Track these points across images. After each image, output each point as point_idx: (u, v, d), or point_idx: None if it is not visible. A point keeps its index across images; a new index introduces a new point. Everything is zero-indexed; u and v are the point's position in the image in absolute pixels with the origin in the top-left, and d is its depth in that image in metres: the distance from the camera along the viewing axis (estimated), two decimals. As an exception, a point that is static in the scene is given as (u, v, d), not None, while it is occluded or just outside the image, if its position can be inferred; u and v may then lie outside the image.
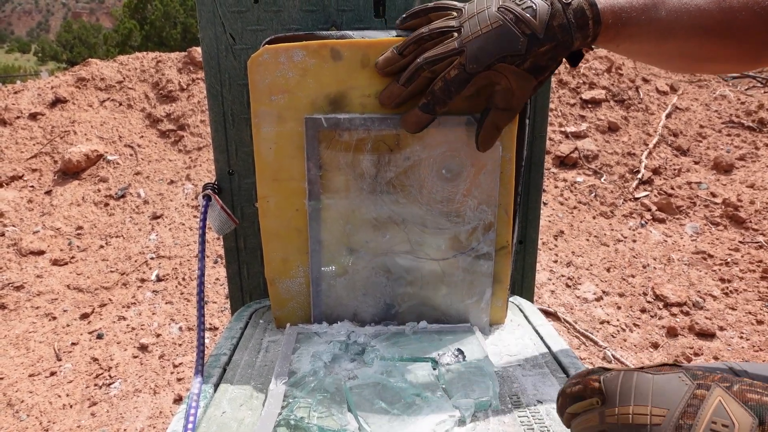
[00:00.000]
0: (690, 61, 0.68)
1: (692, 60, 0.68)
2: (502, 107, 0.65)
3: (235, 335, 0.81)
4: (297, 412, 0.60)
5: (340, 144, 0.72)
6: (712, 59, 0.67)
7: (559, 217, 3.54)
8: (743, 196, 3.46)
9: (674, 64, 0.71)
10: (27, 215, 3.65)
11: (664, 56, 0.68)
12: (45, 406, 2.20)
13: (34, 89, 4.51)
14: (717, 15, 0.62)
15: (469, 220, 0.76)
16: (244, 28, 0.81)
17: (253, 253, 0.92)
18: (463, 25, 0.62)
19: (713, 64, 0.69)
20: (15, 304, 2.91)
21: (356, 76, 0.70)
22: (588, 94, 4.34)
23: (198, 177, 3.91)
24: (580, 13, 0.60)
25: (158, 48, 14.45)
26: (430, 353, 0.70)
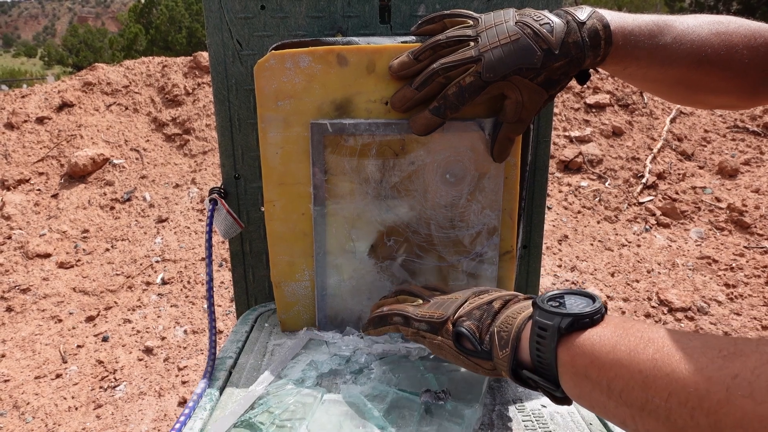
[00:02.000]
0: (692, 90, 0.70)
1: (694, 90, 0.70)
2: (514, 120, 0.67)
3: (241, 338, 0.81)
4: (259, 417, 0.60)
5: (346, 149, 0.73)
6: (713, 90, 0.69)
7: (564, 222, 3.54)
8: (748, 201, 3.45)
9: (677, 94, 0.73)
10: (33, 218, 3.67)
11: (667, 83, 0.69)
12: (50, 408, 2.21)
13: (41, 93, 4.54)
14: (718, 47, 0.65)
15: (473, 225, 0.76)
16: (250, 34, 0.81)
17: (258, 257, 0.92)
18: (480, 34, 0.64)
19: (713, 96, 0.71)
20: (21, 306, 2.92)
21: (362, 81, 0.71)
22: (592, 99, 4.34)
23: (203, 181, 3.92)
24: (593, 33, 0.62)
25: (163, 52, 14.53)
26: (424, 386, 0.65)
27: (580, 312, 0.47)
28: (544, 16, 0.63)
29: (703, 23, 0.67)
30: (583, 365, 0.45)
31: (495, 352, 0.52)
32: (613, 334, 0.44)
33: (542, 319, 0.48)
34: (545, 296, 0.51)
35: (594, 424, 0.60)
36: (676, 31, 0.65)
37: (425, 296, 0.66)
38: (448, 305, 0.60)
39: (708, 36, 0.65)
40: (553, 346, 0.47)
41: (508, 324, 0.52)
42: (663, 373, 0.38)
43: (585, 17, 0.63)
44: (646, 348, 0.41)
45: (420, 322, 0.60)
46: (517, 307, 0.54)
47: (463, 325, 0.55)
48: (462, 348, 0.55)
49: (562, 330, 0.46)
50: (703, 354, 0.37)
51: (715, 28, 0.66)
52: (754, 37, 0.66)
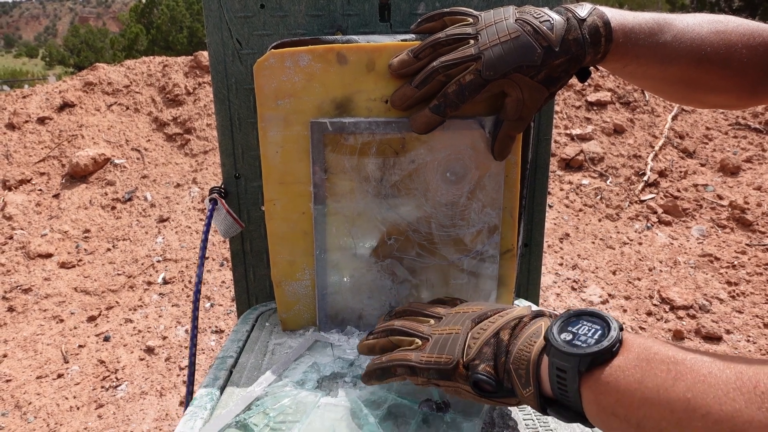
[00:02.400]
0: (691, 89, 0.70)
1: (693, 88, 0.70)
2: (514, 118, 0.67)
3: (242, 338, 0.81)
4: (254, 418, 0.60)
5: (346, 148, 0.72)
6: (712, 89, 0.69)
7: (565, 220, 3.54)
8: (750, 199, 3.45)
9: (676, 92, 0.73)
10: (35, 218, 3.67)
11: (667, 82, 0.69)
12: (52, 408, 2.21)
13: (42, 93, 4.55)
14: (717, 45, 0.65)
15: (473, 223, 0.76)
16: (250, 33, 0.81)
17: (259, 256, 0.92)
18: (480, 32, 0.63)
19: (713, 95, 0.71)
20: (23, 306, 2.93)
21: (362, 80, 0.71)
22: (593, 96, 4.34)
23: (204, 180, 3.92)
24: (594, 30, 0.62)
25: (164, 52, 14.53)
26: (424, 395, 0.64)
27: (599, 350, 0.44)
28: (545, 14, 0.63)
29: (703, 22, 0.67)
30: (609, 404, 0.43)
31: (518, 391, 0.50)
32: (638, 369, 0.42)
33: (559, 360, 0.46)
34: (555, 328, 0.48)
35: (595, 423, 0.60)
36: (676, 29, 0.65)
37: (422, 334, 0.59)
38: (452, 345, 0.55)
39: (707, 34, 0.66)
40: (575, 387, 0.45)
41: (524, 360, 0.49)
42: (698, 415, 0.37)
43: (585, 14, 0.63)
44: (676, 385, 0.39)
45: (428, 371, 0.55)
46: (526, 335, 0.51)
47: (478, 371, 0.51)
48: (482, 391, 0.52)
49: (582, 371, 0.44)
50: (739, 392, 0.36)
51: (715, 27, 0.66)
52: (753, 36, 0.66)
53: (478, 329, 0.55)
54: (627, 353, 0.44)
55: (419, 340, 0.59)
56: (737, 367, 0.38)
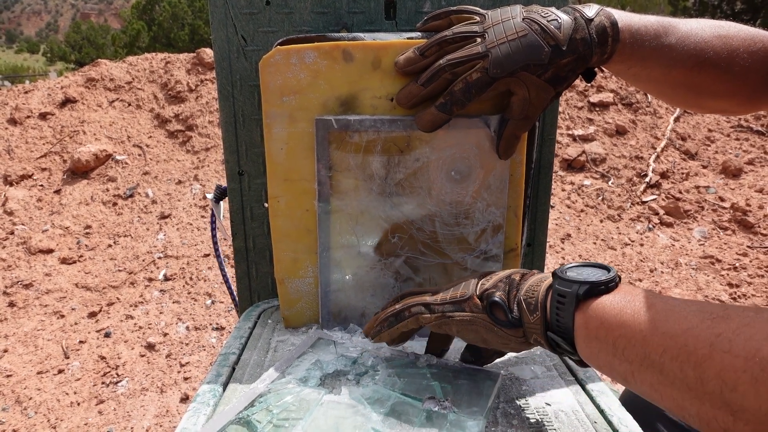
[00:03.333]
0: (693, 93, 0.71)
1: (695, 92, 0.70)
2: (520, 117, 0.67)
3: (244, 335, 0.81)
4: (257, 415, 0.60)
5: (351, 145, 0.72)
6: (713, 93, 0.70)
7: (567, 221, 3.54)
8: (752, 201, 3.45)
9: (679, 96, 0.73)
10: (36, 214, 3.67)
11: (670, 85, 0.70)
12: (53, 404, 2.21)
13: (44, 89, 4.55)
14: (719, 49, 0.66)
15: (478, 222, 0.76)
16: (255, 30, 0.81)
17: (261, 254, 0.92)
18: (487, 30, 0.63)
19: (714, 99, 0.72)
20: (24, 302, 2.93)
21: (367, 77, 0.70)
22: (596, 98, 4.33)
23: (206, 177, 3.92)
24: (601, 30, 0.62)
25: (166, 49, 14.52)
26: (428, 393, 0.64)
27: (597, 280, 0.51)
28: (552, 13, 0.63)
29: (705, 26, 0.68)
30: (594, 327, 0.49)
31: (525, 318, 0.55)
32: (622, 300, 0.49)
33: (562, 287, 0.52)
34: (564, 268, 0.55)
35: (599, 423, 0.60)
36: (680, 33, 0.66)
37: (430, 290, 0.65)
38: (466, 285, 0.61)
39: (710, 38, 0.66)
40: (572, 310, 0.51)
41: (533, 292, 0.55)
42: (659, 332, 0.43)
43: (593, 14, 0.63)
44: (648, 311, 0.46)
45: (443, 305, 0.60)
46: (536, 278, 0.57)
47: (495, 296, 0.57)
48: (495, 318, 0.57)
49: (580, 296, 0.50)
50: (695, 316, 0.42)
51: (717, 32, 0.67)
52: (754, 41, 0.67)
53: (488, 276, 0.61)
54: (617, 291, 0.51)
55: (431, 293, 0.64)
56: (703, 303, 0.44)
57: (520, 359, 0.74)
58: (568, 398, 0.65)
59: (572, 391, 0.66)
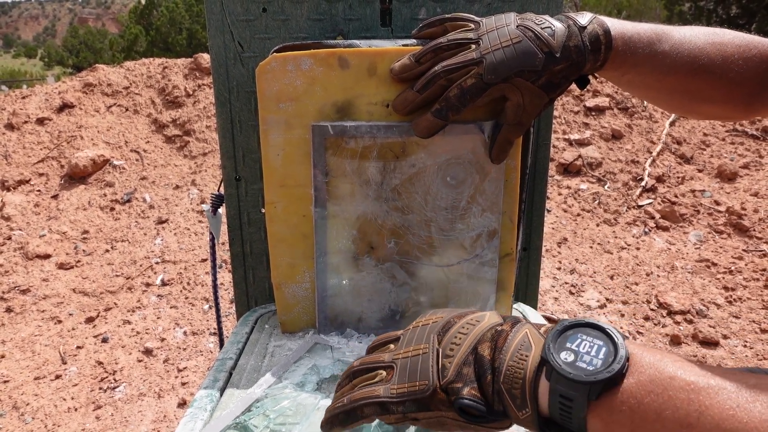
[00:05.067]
0: (688, 99, 0.71)
1: (690, 99, 0.71)
2: (514, 123, 0.67)
3: (241, 340, 0.81)
4: (254, 420, 0.61)
5: (347, 151, 0.73)
6: (708, 99, 0.70)
7: (563, 225, 3.55)
8: (747, 205, 3.46)
9: (674, 102, 0.74)
10: (33, 219, 3.67)
11: (665, 91, 0.70)
12: (50, 409, 2.21)
13: (41, 94, 4.55)
14: (714, 56, 0.66)
15: (473, 227, 0.76)
16: (252, 37, 0.82)
17: (258, 259, 0.92)
18: (481, 37, 0.64)
19: (709, 105, 0.72)
20: (21, 307, 2.92)
21: (363, 84, 0.71)
22: (592, 102, 4.35)
23: (203, 182, 3.93)
24: (594, 37, 0.63)
25: (163, 54, 14.52)
26: None
27: (610, 377, 0.39)
28: (546, 20, 0.64)
29: (699, 33, 0.68)
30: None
31: (512, 412, 0.44)
32: (654, 396, 0.38)
33: (564, 388, 0.41)
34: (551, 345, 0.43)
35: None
36: (674, 40, 0.66)
37: (383, 363, 0.52)
38: (423, 367, 0.48)
39: (704, 45, 0.67)
40: (582, 415, 0.40)
41: (517, 378, 0.44)
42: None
43: (586, 22, 0.63)
44: (701, 420, 0.36)
45: (403, 404, 0.48)
46: (513, 348, 0.45)
47: (462, 396, 0.45)
48: (469, 416, 0.46)
49: (592, 399, 0.40)
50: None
51: (711, 39, 0.68)
52: (748, 48, 0.68)
53: (448, 344, 0.48)
54: (638, 374, 0.40)
55: (383, 371, 0.51)
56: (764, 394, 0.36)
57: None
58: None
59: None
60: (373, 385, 0.50)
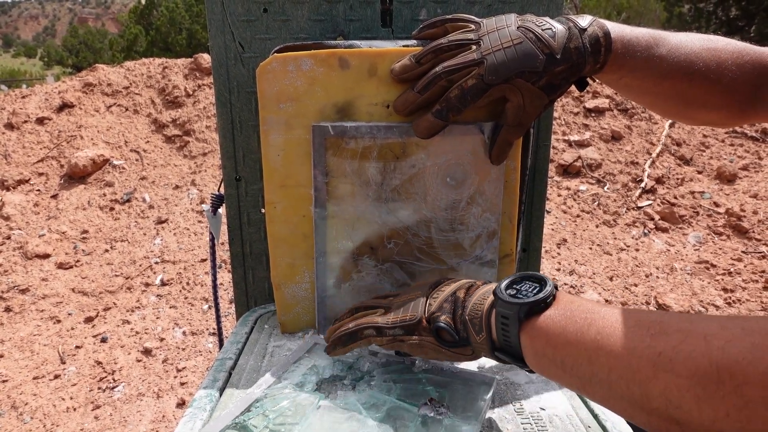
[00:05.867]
0: (683, 104, 0.72)
1: (685, 104, 0.72)
2: (514, 124, 0.68)
3: (241, 340, 0.81)
4: (254, 420, 0.61)
5: (347, 151, 0.73)
6: (703, 105, 0.71)
7: (562, 226, 3.55)
8: (746, 206, 3.46)
9: (670, 107, 0.75)
10: (33, 219, 3.67)
11: (661, 96, 0.71)
12: (49, 409, 2.20)
13: (41, 94, 4.55)
14: (709, 61, 0.68)
15: (473, 228, 0.76)
16: (253, 37, 0.82)
17: (258, 259, 0.92)
18: (482, 38, 0.64)
19: (704, 111, 0.73)
20: (20, 306, 2.92)
21: (363, 84, 0.71)
22: (591, 103, 4.35)
23: (203, 182, 3.92)
24: (594, 39, 0.63)
25: (163, 54, 14.51)
26: (424, 398, 0.64)
27: (535, 299, 0.52)
28: (547, 22, 0.64)
29: (695, 39, 0.69)
30: (540, 346, 0.51)
31: (472, 338, 0.57)
32: (563, 317, 0.50)
33: (503, 309, 0.54)
34: (502, 285, 0.56)
35: (592, 427, 0.61)
36: (671, 44, 0.67)
37: (383, 305, 0.66)
38: (414, 306, 0.62)
39: (700, 50, 0.68)
40: (516, 332, 0.53)
41: (477, 311, 0.57)
42: (604, 353, 0.45)
43: (586, 24, 0.64)
44: (590, 329, 0.47)
45: (394, 328, 0.62)
46: (479, 294, 0.59)
47: (440, 321, 0.59)
48: (442, 341, 0.59)
49: (521, 317, 0.52)
50: (636, 334, 0.44)
51: (706, 44, 0.69)
52: (741, 54, 0.69)
53: (435, 292, 0.62)
54: (556, 305, 0.52)
55: (382, 309, 0.65)
56: (639, 315, 0.46)
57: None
58: (562, 403, 0.65)
59: (566, 396, 0.67)
60: (374, 316, 0.65)
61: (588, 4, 11.95)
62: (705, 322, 0.41)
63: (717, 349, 0.38)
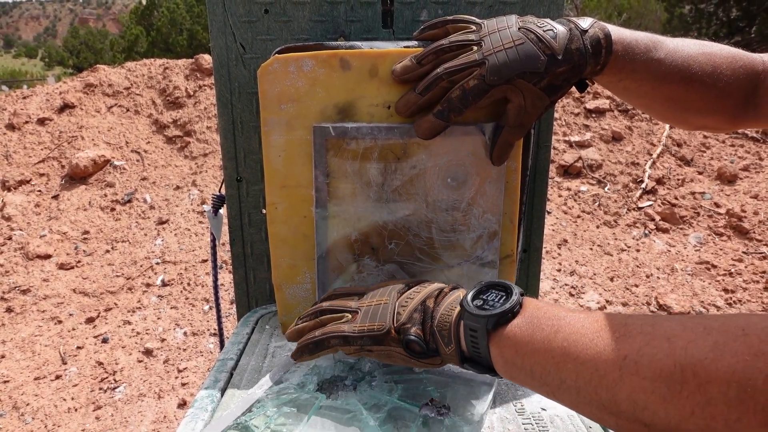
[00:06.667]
0: (680, 108, 0.73)
1: (682, 108, 0.72)
2: (515, 124, 0.68)
3: (242, 340, 0.81)
4: (255, 420, 0.61)
5: (348, 152, 0.73)
6: (699, 110, 0.72)
7: (563, 226, 3.55)
8: (747, 207, 3.46)
9: (666, 111, 0.75)
10: (34, 219, 3.67)
11: (659, 99, 0.72)
12: (50, 410, 2.21)
13: (42, 94, 4.55)
14: (704, 64, 0.68)
15: (474, 229, 0.77)
16: (254, 38, 0.82)
17: (259, 259, 0.93)
18: (483, 39, 0.64)
19: (699, 116, 0.74)
20: (21, 307, 2.92)
21: (365, 85, 0.71)
22: (592, 104, 4.35)
23: (204, 183, 3.93)
24: (595, 41, 0.64)
25: (164, 54, 14.51)
26: (425, 399, 0.65)
27: (501, 310, 0.52)
28: (548, 23, 0.64)
29: (690, 43, 0.70)
30: (510, 355, 0.51)
31: (441, 349, 0.57)
32: (530, 325, 0.51)
33: (471, 321, 0.53)
34: (469, 296, 0.56)
35: (593, 428, 0.61)
36: (669, 48, 0.68)
37: (350, 308, 0.64)
38: (383, 313, 0.61)
39: (696, 54, 0.69)
40: (485, 343, 0.53)
41: (446, 322, 0.57)
42: (571, 358, 0.46)
43: (587, 26, 0.64)
44: (556, 336, 0.48)
45: (361, 338, 0.61)
46: (446, 303, 0.58)
47: (410, 333, 0.58)
48: (412, 352, 0.59)
49: (489, 329, 0.52)
50: (601, 338, 0.44)
51: (701, 49, 0.70)
52: (735, 59, 0.70)
53: (404, 299, 0.61)
54: (523, 313, 0.53)
55: (349, 314, 0.64)
56: (605, 319, 0.46)
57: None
58: (562, 403, 0.65)
59: (567, 396, 0.67)
60: (340, 324, 0.63)
61: (589, 5, 11.94)
62: (667, 323, 0.42)
63: (680, 349, 0.39)
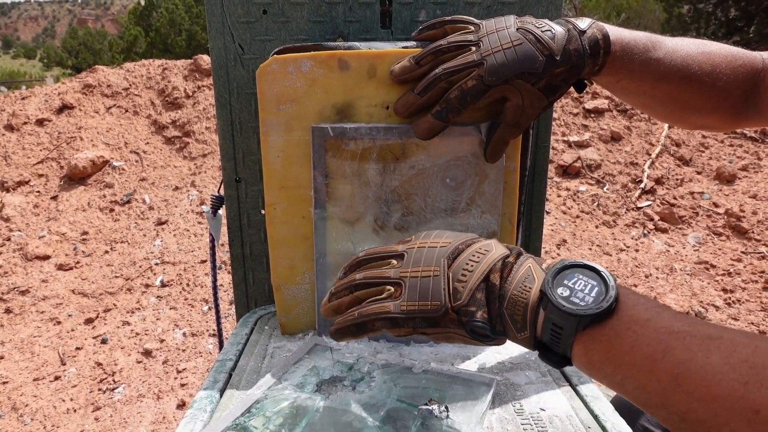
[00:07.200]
0: (679, 108, 0.73)
1: (681, 107, 0.72)
2: (512, 123, 0.68)
3: (241, 341, 0.81)
4: (254, 421, 0.61)
5: (347, 153, 0.73)
6: (698, 109, 0.72)
7: (562, 226, 3.55)
8: (746, 207, 3.47)
9: (665, 110, 0.75)
10: (33, 220, 3.67)
11: (657, 99, 0.72)
12: (49, 411, 2.20)
13: (41, 95, 4.55)
14: (703, 64, 0.68)
15: (472, 229, 0.77)
16: (252, 38, 0.82)
17: (258, 260, 0.93)
18: (481, 39, 0.64)
19: (698, 115, 0.74)
20: (20, 308, 2.92)
21: (363, 86, 0.71)
22: (591, 104, 4.35)
23: (203, 183, 3.93)
24: (594, 41, 0.64)
25: (163, 55, 14.50)
26: (424, 399, 0.64)
27: (597, 312, 0.45)
28: (546, 24, 0.64)
29: (690, 43, 0.70)
30: (597, 360, 0.45)
31: (511, 333, 0.51)
32: (630, 333, 0.44)
33: (557, 318, 0.46)
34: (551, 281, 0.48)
35: (593, 428, 0.61)
36: (667, 48, 0.68)
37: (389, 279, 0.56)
38: (435, 289, 0.53)
39: (695, 54, 0.68)
40: (570, 341, 0.47)
41: (519, 306, 0.50)
42: (683, 391, 0.40)
43: (585, 26, 0.64)
44: (665, 358, 0.41)
45: (413, 320, 0.53)
46: (518, 279, 0.51)
47: (475, 319, 0.51)
48: (476, 335, 0.52)
49: (579, 330, 0.46)
50: (724, 376, 0.38)
51: (700, 48, 0.70)
52: (734, 58, 0.70)
53: (459, 270, 0.53)
54: (621, 314, 0.45)
55: (390, 287, 0.55)
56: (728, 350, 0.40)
57: (515, 365, 0.75)
58: (562, 403, 0.66)
59: (566, 397, 0.67)
60: (383, 302, 0.55)
61: (587, 5, 11.96)
62: None
63: None
